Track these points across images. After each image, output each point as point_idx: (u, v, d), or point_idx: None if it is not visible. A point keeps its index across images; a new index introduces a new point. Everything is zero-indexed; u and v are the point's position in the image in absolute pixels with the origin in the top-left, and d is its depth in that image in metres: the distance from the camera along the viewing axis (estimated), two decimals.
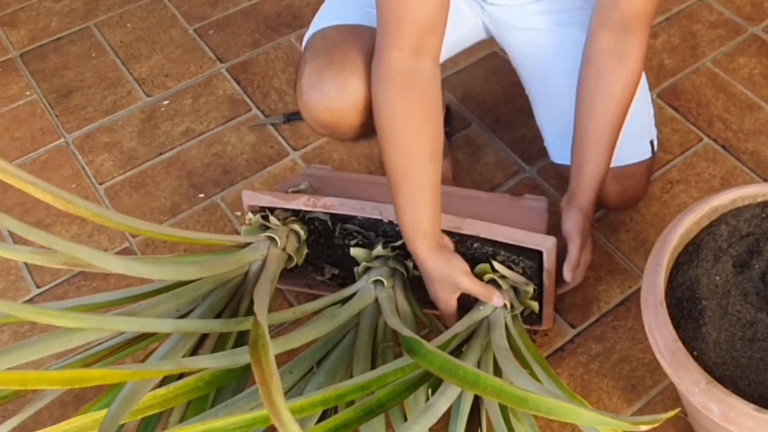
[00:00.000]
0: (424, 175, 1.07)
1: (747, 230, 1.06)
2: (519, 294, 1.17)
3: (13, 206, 1.51)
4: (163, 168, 1.55)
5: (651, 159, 1.34)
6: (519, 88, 1.64)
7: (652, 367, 1.21)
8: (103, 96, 1.70)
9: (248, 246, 1.19)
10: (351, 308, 1.14)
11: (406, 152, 1.07)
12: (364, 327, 1.14)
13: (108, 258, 1.01)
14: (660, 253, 1.02)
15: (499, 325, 1.13)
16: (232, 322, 1.08)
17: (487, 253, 1.17)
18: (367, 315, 1.16)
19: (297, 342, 1.05)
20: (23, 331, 1.31)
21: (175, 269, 1.08)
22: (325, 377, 1.07)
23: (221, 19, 1.84)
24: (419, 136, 1.06)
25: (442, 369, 0.96)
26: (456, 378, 0.94)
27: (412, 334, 1.02)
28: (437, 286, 1.15)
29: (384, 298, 1.16)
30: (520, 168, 1.50)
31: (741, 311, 0.97)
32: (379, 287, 1.18)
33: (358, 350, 1.11)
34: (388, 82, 1.04)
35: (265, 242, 1.19)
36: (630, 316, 1.28)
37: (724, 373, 0.93)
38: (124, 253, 1.41)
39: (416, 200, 1.08)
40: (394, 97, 1.05)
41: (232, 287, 1.15)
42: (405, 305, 1.18)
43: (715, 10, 1.77)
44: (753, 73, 1.64)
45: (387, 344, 1.13)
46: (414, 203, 1.08)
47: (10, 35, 1.85)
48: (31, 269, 1.41)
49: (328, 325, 1.10)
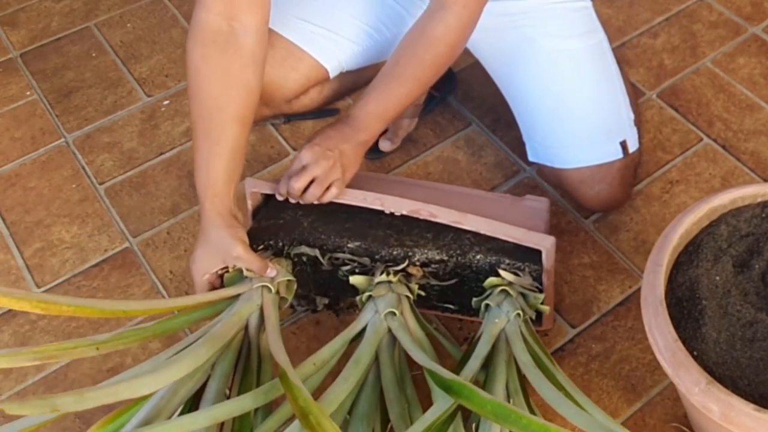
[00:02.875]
0: (223, 134, 1.09)
1: (747, 230, 1.06)
2: (528, 300, 1.16)
3: (13, 206, 1.51)
4: (164, 168, 1.56)
5: (622, 161, 1.30)
6: None
7: (652, 367, 1.21)
8: (104, 96, 1.70)
9: (239, 297, 1.14)
10: (369, 347, 1.09)
11: (207, 110, 1.08)
12: (386, 362, 1.10)
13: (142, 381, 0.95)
14: (660, 253, 1.02)
15: (518, 338, 1.09)
16: (260, 394, 1.00)
17: (491, 263, 1.16)
18: (385, 348, 1.11)
19: (335, 403, 0.99)
20: (23, 332, 1.32)
21: (193, 357, 1.01)
22: (362, 425, 1.03)
23: None
24: (223, 96, 1.08)
25: (497, 416, 0.90)
26: (518, 426, 0.88)
27: (453, 376, 0.97)
28: (208, 250, 1.12)
29: (397, 327, 1.11)
30: (520, 168, 1.50)
31: (741, 311, 0.97)
32: (389, 317, 1.12)
33: (387, 389, 1.07)
34: (195, 41, 1.07)
35: (257, 290, 1.14)
36: (630, 316, 1.28)
37: (724, 373, 0.93)
38: (125, 254, 1.42)
39: (213, 158, 1.09)
40: (199, 56, 1.07)
41: (236, 347, 1.10)
42: (418, 331, 1.14)
43: (715, 10, 1.77)
44: (753, 73, 1.64)
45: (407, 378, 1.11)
46: (210, 161, 1.09)
47: (11, 35, 1.85)
48: (31, 269, 1.41)
49: (355, 373, 1.04)
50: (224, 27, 1.06)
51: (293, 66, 1.23)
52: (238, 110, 1.09)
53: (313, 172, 1.14)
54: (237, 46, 1.07)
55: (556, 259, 1.35)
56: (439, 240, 1.18)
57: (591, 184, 1.31)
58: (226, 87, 1.08)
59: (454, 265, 1.18)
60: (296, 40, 1.23)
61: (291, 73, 1.23)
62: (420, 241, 1.18)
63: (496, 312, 1.13)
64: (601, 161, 1.29)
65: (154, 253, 1.42)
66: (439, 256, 1.17)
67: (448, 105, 1.61)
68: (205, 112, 1.08)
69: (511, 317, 1.12)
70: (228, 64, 1.07)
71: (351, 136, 1.16)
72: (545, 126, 1.32)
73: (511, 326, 1.12)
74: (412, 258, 1.17)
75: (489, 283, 1.16)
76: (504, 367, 1.07)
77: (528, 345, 1.09)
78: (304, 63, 1.24)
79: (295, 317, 1.31)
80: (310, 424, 0.85)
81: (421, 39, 1.15)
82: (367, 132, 1.17)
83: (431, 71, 1.17)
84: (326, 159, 1.13)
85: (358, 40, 1.27)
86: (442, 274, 1.19)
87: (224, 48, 1.06)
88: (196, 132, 1.10)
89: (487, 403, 0.92)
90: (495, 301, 1.14)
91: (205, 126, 1.09)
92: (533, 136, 1.35)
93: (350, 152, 1.16)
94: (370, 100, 1.17)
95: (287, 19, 1.12)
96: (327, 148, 1.14)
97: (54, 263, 1.41)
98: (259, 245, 1.19)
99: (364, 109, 1.17)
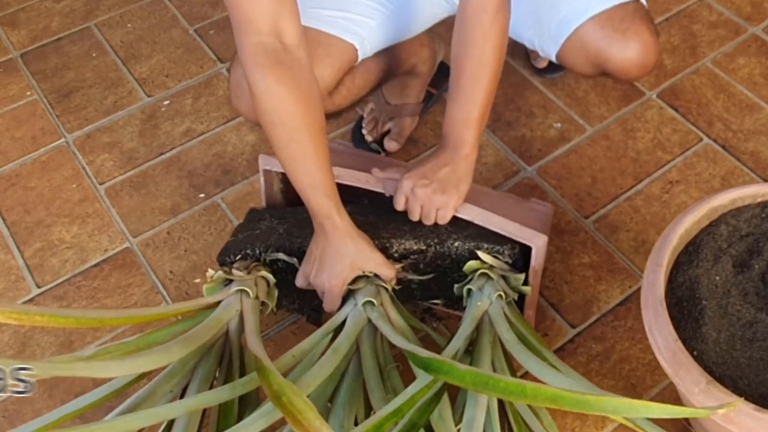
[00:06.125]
0: (320, 150, 1.07)
1: (747, 230, 1.06)
2: (509, 282, 1.16)
3: (13, 206, 1.51)
4: (164, 168, 1.56)
5: (634, 3, 1.25)
6: (519, 88, 1.64)
7: (652, 367, 1.21)
8: (104, 96, 1.70)
9: (219, 305, 1.14)
10: (349, 337, 1.10)
11: (297, 132, 1.06)
12: (366, 351, 1.11)
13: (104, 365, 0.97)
14: (660, 253, 1.02)
15: (501, 318, 1.11)
16: (238, 385, 1.03)
17: (470, 249, 1.17)
18: (365, 338, 1.12)
19: (311, 387, 1.00)
20: (24, 331, 1.32)
21: (165, 353, 1.02)
22: (344, 412, 1.04)
23: (222, 20, 1.84)
24: (308, 114, 1.06)
25: (477, 384, 0.92)
26: (497, 391, 0.90)
27: (431, 354, 0.99)
28: (347, 262, 1.12)
29: (377, 317, 1.13)
30: (520, 168, 1.50)
31: (741, 311, 0.97)
32: (369, 307, 1.14)
33: (368, 377, 1.08)
34: (261, 66, 1.03)
35: (235, 296, 1.14)
36: (630, 316, 1.28)
37: (724, 373, 0.93)
38: (125, 254, 1.42)
39: (321, 175, 1.08)
40: (272, 80, 1.03)
41: (216, 352, 1.11)
42: (398, 319, 1.15)
43: (715, 10, 1.77)
44: (753, 73, 1.64)
45: (392, 366, 1.11)
46: (322, 178, 1.08)
47: (11, 35, 1.85)
48: (31, 269, 1.41)
49: (333, 360, 1.06)
50: (278, 46, 1.03)
51: (326, 52, 1.23)
52: (320, 123, 1.08)
53: (412, 203, 1.17)
54: (296, 61, 1.05)
55: (556, 260, 1.35)
56: (417, 231, 1.19)
57: (617, 38, 1.23)
58: (306, 104, 1.06)
59: (434, 254, 1.18)
60: (319, 26, 1.24)
61: (325, 60, 1.23)
62: (397, 233, 1.19)
63: (478, 296, 1.14)
64: (614, 3, 1.24)
65: (154, 253, 1.42)
66: (417, 245, 1.18)
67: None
68: (296, 134, 1.06)
69: (493, 299, 1.13)
70: (299, 81, 1.05)
71: (449, 158, 1.17)
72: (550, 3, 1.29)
73: (494, 308, 1.13)
74: (390, 249, 1.18)
75: (469, 267, 1.17)
76: (489, 348, 1.08)
77: (512, 324, 1.10)
78: (333, 47, 1.24)
79: (294, 317, 1.31)
80: (283, 404, 0.86)
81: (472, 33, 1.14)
82: (464, 145, 1.17)
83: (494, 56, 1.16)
84: (422, 188, 1.15)
85: (370, 15, 1.28)
86: (423, 266, 1.19)
87: (290, 66, 1.04)
88: (289, 156, 1.07)
89: (465, 374, 0.93)
90: (476, 285, 1.15)
91: (300, 148, 1.07)
92: (545, 28, 1.30)
93: (450, 174, 1.17)
94: (453, 109, 1.17)
95: (302, 11, 1.10)
96: (421, 177, 1.16)
97: (54, 263, 1.41)
98: (237, 256, 1.20)
99: (450, 123, 1.18)
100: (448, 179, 1.16)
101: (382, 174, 1.20)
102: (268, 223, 1.24)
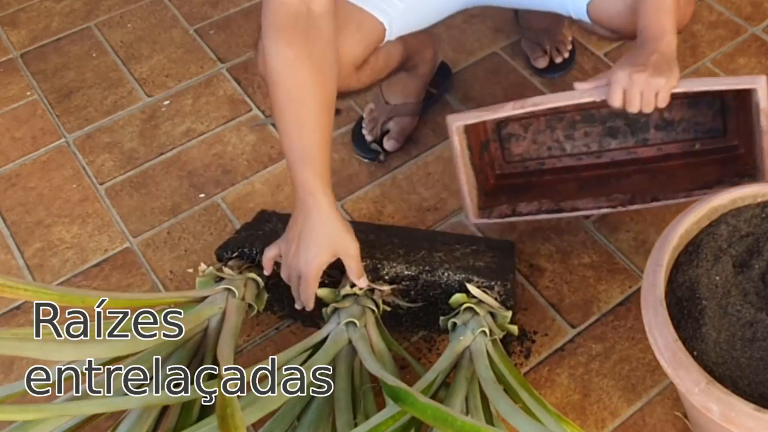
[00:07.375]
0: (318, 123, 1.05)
1: (747, 230, 1.06)
2: (497, 319, 1.16)
3: (14, 206, 1.51)
4: (164, 168, 1.56)
5: None
6: (519, 88, 1.64)
7: (652, 367, 1.21)
8: (104, 96, 1.70)
9: (205, 300, 1.13)
10: (326, 355, 1.09)
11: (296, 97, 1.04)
12: (341, 373, 1.09)
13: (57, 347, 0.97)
14: (660, 253, 1.02)
15: (482, 355, 1.09)
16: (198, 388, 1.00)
17: (460, 281, 1.16)
18: (343, 359, 1.11)
19: (277, 402, 0.99)
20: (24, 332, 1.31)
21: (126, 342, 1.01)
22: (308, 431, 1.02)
23: (222, 20, 1.85)
24: (310, 82, 1.04)
25: (436, 419, 0.92)
26: (453, 429, 0.91)
27: (398, 383, 0.98)
28: (324, 244, 1.09)
29: (357, 338, 1.11)
30: None
31: (741, 311, 0.97)
32: (351, 328, 1.12)
33: (339, 398, 1.06)
34: (277, 26, 1.03)
35: (222, 294, 1.13)
36: (630, 316, 1.28)
37: (724, 373, 0.93)
38: (125, 254, 1.42)
39: (315, 148, 1.06)
40: (283, 41, 1.03)
41: (192, 346, 1.09)
42: (380, 343, 1.13)
43: (715, 10, 1.77)
44: (753, 73, 1.64)
45: (366, 387, 1.09)
46: (314, 151, 1.06)
47: (11, 35, 1.85)
48: (31, 269, 1.41)
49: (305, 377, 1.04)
50: (303, 9, 1.03)
51: (357, 27, 1.22)
52: (327, 96, 1.07)
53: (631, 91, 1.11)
54: (316, 29, 1.04)
55: (556, 260, 1.35)
56: (410, 255, 1.18)
57: None
58: (313, 72, 1.04)
59: (424, 283, 1.17)
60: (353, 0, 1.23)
61: (356, 35, 1.22)
62: (390, 255, 1.18)
63: (462, 330, 1.13)
64: None
65: (154, 253, 1.42)
66: (408, 271, 1.17)
67: (448, 105, 1.61)
68: (294, 99, 1.05)
69: (476, 335, 1.12)
70: (312, 49, 1.04)
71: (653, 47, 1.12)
72: None
73: (477, 344, 1.11)
74: (381, 271, 1.17)
75: (455, 301, 1.16)
76: (465, 383, 1.07)
77: (492, 363, 1.09)
78: (364, 23, 1.24)
79: None
80: (224, 415, 0.86)
81: None
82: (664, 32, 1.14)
83: None
84: (639, 73, 1.10)
85: None
86: (414, 294, 1.18)
87: (306, 31, 1.04)
88: (285, 120, 1.06)
89: (426, 408, 0.94)
90: (462, 319, 1.14)
91: (297, 114, 1.05)
92: None
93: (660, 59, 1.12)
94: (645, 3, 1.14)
95: None
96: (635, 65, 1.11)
97: (54, 263, 1.41)
98: (234, 252, 1.20)
99: (645, 17, 1.14)
100: (660, 63, 1.11)
101: (587, 84, 1.15)
102: (273, 227, 1.24)
